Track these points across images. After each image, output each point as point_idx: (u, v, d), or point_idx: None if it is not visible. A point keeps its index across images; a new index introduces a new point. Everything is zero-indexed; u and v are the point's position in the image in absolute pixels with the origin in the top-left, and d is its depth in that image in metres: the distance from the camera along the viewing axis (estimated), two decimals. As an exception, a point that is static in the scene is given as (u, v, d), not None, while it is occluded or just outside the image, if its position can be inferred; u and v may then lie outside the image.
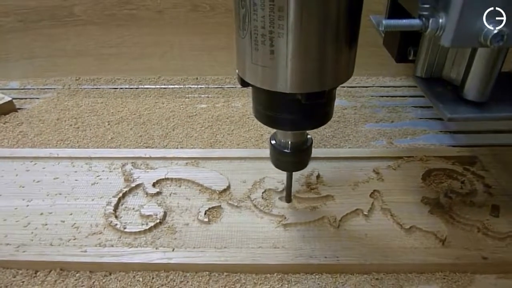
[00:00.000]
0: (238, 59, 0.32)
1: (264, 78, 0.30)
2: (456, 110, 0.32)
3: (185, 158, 0.51)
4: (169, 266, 0.39)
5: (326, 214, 0.43)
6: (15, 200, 0.46)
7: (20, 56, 0.73)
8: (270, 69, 0.29)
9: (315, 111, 0.33)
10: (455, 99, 0.33)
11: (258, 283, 0.38)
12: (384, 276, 0.38)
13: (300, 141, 0.38)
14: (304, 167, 0.40)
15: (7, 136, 0.59)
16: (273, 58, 0.29)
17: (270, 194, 0.46)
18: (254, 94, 0.34)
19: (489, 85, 0.32)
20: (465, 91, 0.32)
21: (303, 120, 0.33)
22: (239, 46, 0.31)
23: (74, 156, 0.52)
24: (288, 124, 0.34)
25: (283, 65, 0.29)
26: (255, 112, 0.35)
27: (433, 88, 0.34)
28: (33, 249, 0.40)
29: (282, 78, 0.29)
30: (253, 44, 0.29)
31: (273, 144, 0.39)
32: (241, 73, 0.32)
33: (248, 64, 0.30)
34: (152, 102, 0.68)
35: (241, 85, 0.33)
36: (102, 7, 0.69)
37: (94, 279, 0.38)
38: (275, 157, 0.39)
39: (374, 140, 0.58)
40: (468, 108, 0.32)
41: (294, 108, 0.32)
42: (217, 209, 0.44)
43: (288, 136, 0.38)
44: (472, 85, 0.32)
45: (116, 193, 0.46)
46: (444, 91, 0.34)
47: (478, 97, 0.32)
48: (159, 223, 0.42)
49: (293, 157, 0.39)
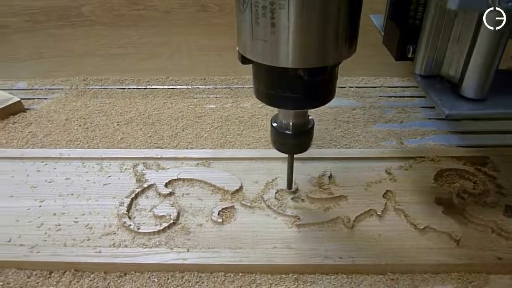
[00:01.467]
0: (238, 35, 0.31)
1: (265, 53, 0.29)
2: (454, 107, 0.32)
3: (196, 159, 0.51)
4: (184, 266, 0.39)
5: (339, 215, 0.43)
6: (27, 200, 0.46)
7: (27, 57, 0.73)
8: (271, 43, 0.29)
9: (318, 89, 0.33)
10: (454, 96, 0.33)
11: (273, 283, 0.38)
12: (399, 277, 0.38)
13: (302, 122, 0.38)
14: (306, 149, 0.39)
15: (16, 137, 0.59)
16: (274, 31, 0.28)
17: (283, 194, 0.46)
18: (255, 71, 0.34)
19: (487, 82, 0.32)
20: (463, 88, 0.33)
21: (305, 98, 0.33)
22: (239, 21, 0.30)
23: (85, 156, 0.52)
24: (290, 103, 0.33)
25: (285, 39, 0.28)
26: (256, 92, 0.35)
27: (432, 85, 0.35)
28: (47, 250, 0.40)
29: (284, 52, 0.29)
30: (253, 18, 0.28)
31: (275, 126, 0.38)
32: (241, 50, 0.32)
33: (248, 40, 0.30)
34: (160, 102, 0.68)
35: (241, 63, 0.32)
36: (110, 7, 0.69)
37: (109, 280, 0.38)
38: (277, 139, 0.39)
39: (384, 141, 0.58)
40: (466, 105, 0.32)
41: (296, 85, 0.31)
42: (230, 209, 0.44)
43: (290, 117, 0.37)
44: (470, 82, 0.32)
45: (128, 194, 0.46)
46: (442, 88, 0.34)
47: (476, 94, 0.32)
48: (172, 224, 0.42)
49: (295, 139, 0.38)
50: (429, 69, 0.35)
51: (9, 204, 0.46)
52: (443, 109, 0.32)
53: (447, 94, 0.33)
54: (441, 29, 0.33)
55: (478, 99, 0.32)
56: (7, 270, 0.39)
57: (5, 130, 0.61)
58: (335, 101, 0.67)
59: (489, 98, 0.33)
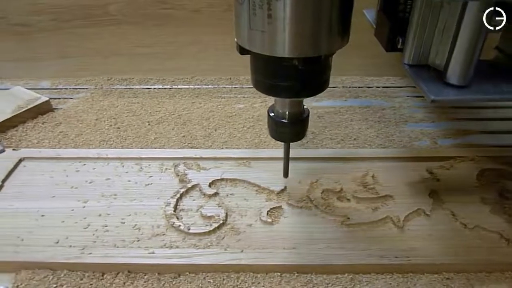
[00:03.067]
0: (236, 27, 0.33)
1: (262, 43, 0.31)
2: (440, 93, 0.34)
3: (236, 159, 0.51)
4: (240, 267, 0.38)
5: (388, 214, 0.43)
6: (70, 201, 0.45)
7: (51, 56, 0.72)
8: (268, 33, 0.30)
9: (312, 78, 0.34)
10: (439, 83, 0.35)
11: (330, 283, 0.38)
12: (454, 276, 0.38)
13: (297, 111, 0.39)
14: (302, 137, 0.42)
15: (47, 136, 0.59)
16: (271, 22, 0.30)
17: (328, 194, 0.46)
18: (252, 62, 0.35)
19: (470, 69, 0.34)
20: (448, 76, 0.35)
21: (300, 87, 0.34)
22: (237, 13, 0.32)
23: (124, 156, 0.52)
24: (286, 91, 0.35)
25: (281, 29, 0.30)
26: (254, 82, 0.36)
27: (419, 73, 0.36)
28: (98, 251, 0.40)
29: (280, 42, 0.30)
30: (251, 9, 0.30)
31: (272, 116, 0.40)
32: (239, 41, 0.33)
33: (246, 31, 0.31)
34: (188, 102, 0.67)
35: (240, 53, 0.34)
36: (138, 6, 0.68)
37: (163, 281, 0.38)
38: (274, 128, 0.40)
39: (418, 140, 0.58)
40: (451, 91, 0.34)
41: (291, 74, 0.33)
42: (278, 209, 0.44)
43: (286, 106, 0.39)
44: (454, 69, 0.34)
45: (173, 194, 0.46)
46: (429, 76, 0.36)
47: (460, 80, 0.34)
48: (222, 224, 0.42)
49: (291, 127, 0.40)
50: (416, 59, 0.37)
51: (52, 205, 0.45)
52: (429, 95, 0.34)
53: (433, 81, 0.35)
54: (427, 21, 0.35)
55: (462, 86, 0.35)
56: (59, 271, 0.39)
57: (35, 129, 0.60)
58: (364, 101, 0.67)
59: (473, 85, 0.35)
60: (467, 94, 0.34)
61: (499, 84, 0.35)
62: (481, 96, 0.35)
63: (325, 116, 0.63)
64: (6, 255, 0.39)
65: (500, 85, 0.35)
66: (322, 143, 0.57)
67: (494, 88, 0.35)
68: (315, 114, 0.63)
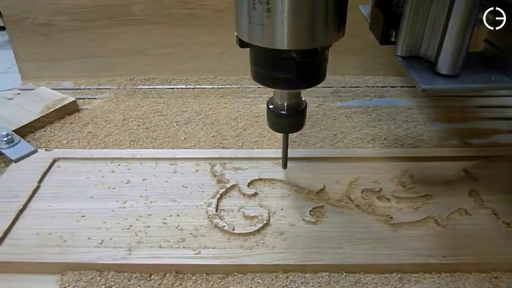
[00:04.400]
0: (236, 21, 0.35)
1: (262, 37, 0.33)
2: (430, 82, 0.35)
3: (271, 158, 0.51)
4: (288, 267, 0.38)
5: (430, 214, 0.43)
6: (109, 202, 0.45)
7: (74, 56, 0.72)
8: (267, 27, 0.32)
9: (309, 70, 0.36)
10: (430, 74, 0.36)
11: (379, 283, 0.38)
12: (501, 275, 0.38)
13: (295, 103, 0.41)
14: (300, 128, 0.43)
15: (76, 137, 0.58)
16: (270, 16, 0.31)
17: (368, 194, 0.46)
18: (252, 55, 0.37)
19: (459, 60, 0.35)
20: (439, 66, 0.36)
21: (298, 78, 0.36)
22: (238, 7, 0.33)
23: (158, 156, 0.51)
24: (284, 83, 0.36)
25: (279, 22, 0.31)
26: (253, 74, 0.38)
27: (411, 64, 0.38)
28: (144, 252, 0.39)
29: (278, 35, 0.32)
30: (251, 4, 0.31)
31: (271, 108, 0.41)
32: (240, 35, 0.35)
33: (246, 24, 0.33)
34: (214, 102, 0.67)
35: (239, 46, 0.36)
36: (162, 6, 0.68)
37: (212, 282, 0.38)
38: (273, 120, 0.42)
39: (447, 140, 0.58)
40: (441, 80, 0.36)
41: (289, 66, 0.35)
42: (319, 209, 0.44)
43: (285, 98, 0.40)
44: (444, 60, 0.35)
45: (213, 194, 0.45)
46: (420, 67, 0.37)
47: (450, 70, 0.36)
48: (266, 224, 0.42)
49: (289, 118, 0.41)
50: (409, 51, 0.39)
51: (92, 205, 0.45)
52: (420, 84, 0.35)
53: (424, 72, 0.37)
54: (419, 14, 0.37)
55: (452, 76, 0.36)
56: (106, 272, 0.38)
57: (63, 130, 0.60)
58: (390, 100, 0.68)
59: (462, 75, 0.36)
60: (457, 83, 0.36)
61: (488, 74, 0.37)
62: (471, 85, 0.36)
63: (353, 116, 0.63)
64: (50, 257, 0.39)
65: (489, 75, 0.37)
66: (352, 143, 0.57)
67: (482, 78, 0.36)
68: (342, 114, 0.64)
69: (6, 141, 0.52)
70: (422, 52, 0.38)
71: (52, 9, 0.68)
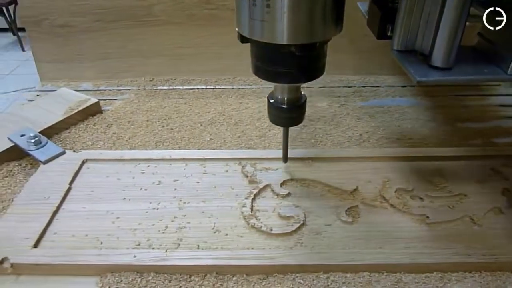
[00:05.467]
0: (237, 17, 0.35)
1: (262, 32, 0.34)
2: (425, 74, 0.36)
3: (300, 159, 0.51)
4: (329, 267, 0.38)
5: (466, 213, 0.43)
6: (142, 203, 0.45)
7: (93, 57, 0.72)
8: (267, 22, 0.33)
9: (308, 64, 0.37)
10: (425, 66, 0.37)
11: (420, 282, 0.38)
12: (541, 273, 0.38)
13: (295, 97, 0.42)
14: (299, 122, 0.44)
15: (101, 138, 0.58)
16: (269, 11, 0.32)
17: (401, 193, 0.46)
18: (253, 50, 0.38)
19: (452, 52, 0.36)
20: (433, 59, 0.37)
21: (297, 72, 0.37)
22: (238, 4, 0.34)
23: (187, 157, 0.51)
24: (284, 77, 0.37)
25: (279, 18, 0.32)
26: (254, 69, 0.39)
27: (407, 58, 0.39)
28: (183, 253, 0.39)
29: (278, 30, 0.33)
30: (251, 0, 0.32)
31: (272, 102, 0.42)
32: (240, 30, 0.36)
33: (247, 20, 0.34)
34: (235, 102, 0.67)
35: (240, 42, 0.36)
36: (183, 7, 0.68)
37: (253, 282, 0.38)
38: (274, 114, 0.43)
39: (471, 139, 0.58)
40: (435, 73, 0.37)
41: (289, 61, 0.35)
42: (354, 209, 0.44)
43: (285, 92, 0.41)
44: (438, 53, 0.36)
45: (247, 195, 0.45)
46: (415, 60, 0.38)
47: (444, 63, 0.37)
48: (302, 225, 0.42)
49: (289, 112, 0.42)
50: (404, 45, 0.40)
51: (125, 207, 0.45)
52: (414, 76, 0.36)
53: (419, 64, 0.38)
54: (414, 10, 0.38)
55: (446, 68, 0.37)
56: (146, 274, 0.38)
57: (88, 131, 0.60)
58: (411, 100, 0.68)
59: (456, 68, 0.37)
60: (450, 75, 0.37)
61: (481, 66, 0.38)
62: (463, 77, 0.37)
63: (376, 116, 0.63)
64: (89, 258, 0.39)
65: (482, 67, 0.38)
66: (378, 143, 0.57)
67: (475, 70, 0.37)
68: (366, 113, 0.64)
69: (34, 143, 0.52)
70: (417, 46, 0.39)
71: (72, 10, 0.68)
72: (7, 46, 2.68)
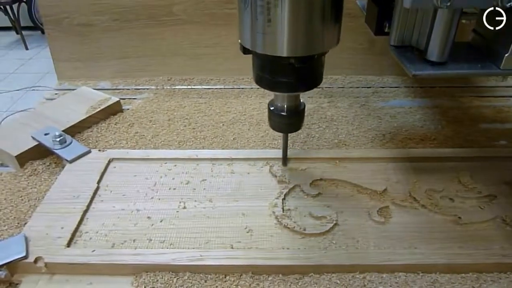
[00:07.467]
0: (240, 29, 0.37)
1: (263, 44, 0.35)
2: (420, 68, 0.37)
3: (327, 159, 0.51)
4: (365, 267, 0.38)
5: (497, 213, 0.43)
6: (172, 202, 0.45)
7: (111, 56, 0.72)
8: (268, 35, 0.34)
9: (307, 74, 0.38)
10: (420, 61, 0.39)
11: (456, 282, 0.38)
12: None
13: (294, 105, 0.43)
14: (298, 129, 0.45)
15: (124, 137, 0.58)
16: (270, 25, 0.34)
17: (432, 194, 0.46)
18: (254, 61, 0.39)
19: (446, 47, 0.37)
20: (428, 54, 0.38)
21: (296, 82, 0.38)
22: (241, 17, 0.35)
23: (214, 157, 0.51)
24: (284, 87, 0.39)
25: (280, 31, 0.34)
26: (256, 78, 0.40)
27: (404, 53, 0.40)
28: (217, 253, 0.39)
29: (278, 43, 0.34)
30: (253, 15, 0.34)
31: (272, 109, 0.44)
32: (243, 42, 0.37)
33: (249, 33, 0.35)
34: (256, 102, 0.67)
35: (243, 53, 0.38)
36: (203, 6, 0.68)
37: (289, 282, 0.38)
38: (274, 120, 0.44)
39: (496, 140, 0.58)
40: (430, 67, 0.38)
41: (288, 71, 0.37)
42: (386, 209, 0.44)
43: (285, 100, 0.43)
44: (433, 48, 0.37)
45: (277, 195, 0.45)
46: (412, 55, 0.40)
47: (439, 57, 0.38)
48: (335, 225, 0.42)
49: (289, 118, 0.44)
50: (401, 40, 0.41)
51: (155, 206, 0.45)
52: (410, 70, 0.37)
53: (415, 59, 0.39)
54: None
55: (441, 62, 0.38)
56: (181, 274, 0.38)
57: (109, 130, 0.59)
58: (431, 101, 0.68)
59: (450, 62, 0.38)
60: (445, 69, 0.38)
61: (475, 61, 0.39)
62: (458, 71, 0.38)
63: (398, 117, 0.63)
64: (124, 258, 0.39)
65: (476, 62, 0.38)
66: (402, 144, 0.57)
67: (469, 65, 0.38)
68: (387, 114, 0.64)
69: (59, 142, 0.51)
70: (413, 41, 0.40)
71: (92, 9, 0.68)
72: (11, 44, 2.68)
